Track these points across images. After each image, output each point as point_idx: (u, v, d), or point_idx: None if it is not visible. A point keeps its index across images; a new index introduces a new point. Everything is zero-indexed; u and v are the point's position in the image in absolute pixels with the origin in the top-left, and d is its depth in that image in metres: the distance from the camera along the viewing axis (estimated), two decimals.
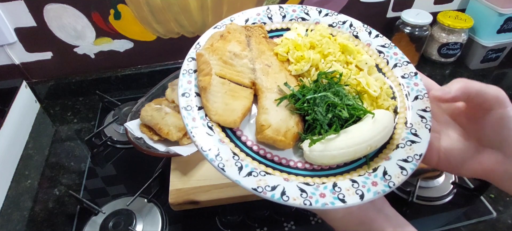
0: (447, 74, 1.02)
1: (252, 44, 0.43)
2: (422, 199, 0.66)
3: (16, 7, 0.77)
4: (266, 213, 0.62)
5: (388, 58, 0.44)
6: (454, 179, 0.69)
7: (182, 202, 0.56)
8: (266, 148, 0.38)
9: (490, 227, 0.63)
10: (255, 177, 0.34)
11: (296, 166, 0.37)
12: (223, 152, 0.35)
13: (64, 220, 0.65)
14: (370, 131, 0.35)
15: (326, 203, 0.33)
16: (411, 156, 0.36)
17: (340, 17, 0.48)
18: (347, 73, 0.41)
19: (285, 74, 0.42)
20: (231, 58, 0.41)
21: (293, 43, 0.43)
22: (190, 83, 0.39)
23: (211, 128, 0.36)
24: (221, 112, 0.37)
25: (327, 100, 0.37)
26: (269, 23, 0.47)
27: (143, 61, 0.95)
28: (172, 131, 0.62)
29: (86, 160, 0.77)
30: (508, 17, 0.91)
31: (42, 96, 0.93)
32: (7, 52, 0.84)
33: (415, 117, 0.39)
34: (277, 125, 0.36)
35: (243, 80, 0.40)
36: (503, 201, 0.66)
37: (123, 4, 0.81)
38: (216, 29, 0.44)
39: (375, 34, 0.47)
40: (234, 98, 0.38)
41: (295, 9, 0.48)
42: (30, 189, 0.71)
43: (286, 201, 0.32)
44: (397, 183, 0.34)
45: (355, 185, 0.34)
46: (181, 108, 0.37)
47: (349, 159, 0.36)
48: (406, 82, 0.42)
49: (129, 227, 0.60)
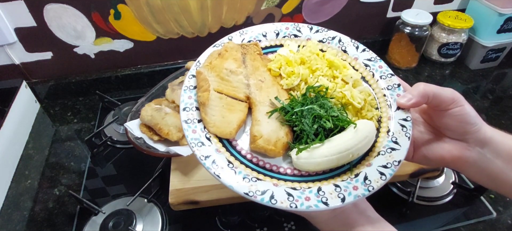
0: (447, 74, 1.02)
1: (247, 61, 0.47)
2: (422, 199, 0.66)
3: (16, 7, 0.77)
4: (266, 213, 0.62)
5: (373, 71, 0.47)
6: (454, 179, 0.69)
7: (182, 202, 0.56)
8: (259, 156, 0.41)
9: (490, 227, 0.63)
10: (247, 182, 0.37)
11: (285, 172, 0.40)
12: (219, 160, 0.38)
13: (64, 220, 0.65)
14: (352, 140, 0.38)
15: (310, 205, 0.36)
16: (390, 162, 0.39)
17: (330, 33, 0.52)
18: (333, 87, 0.44)
19: (277, 88, 0.45)
20: (228, 75, 0.44)
21: (285, 59, 0.47)
22: (191, 98, 0.43)
23: (209, 139, 0.40)
24: (218, 124, 0.40)
25: (313, 113, 0.40)
26: (264, 40, 0.51)
27: (143, 61, 0.95)
28: (172, 131, 0.62)
29: (86, 160, 0.77)
30: (508, 17, 0.91)
31: (42, 96, 0.93)
32: (7, 52, 0.84)
33: (397, 126, 0.41)
34: (268, 135, 0.40)
35: (238, 95, 0.43)
36: (503, 201, 0.67)
37: (123, 4, 0.81)
38: (215, 47, 0.48)
39: (362, 48, 0.50)
40: (230, 112, 0.42)
41: (288, 26, 0.52)
42: (30, 189, 0.71)
43: (274, 204, 0.35)
44: (376, 187, 0.37)
45: (338, 189, 0.37)
46: (182, 121, 0.40)
47: (333, 165, 0.39)
48: (390, 93, 0.44)
49: (129, 227, 0.60)
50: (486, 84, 0.99)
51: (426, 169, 0.61)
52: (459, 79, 1.00)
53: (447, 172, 0.70)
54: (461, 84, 0.98)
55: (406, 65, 1.02)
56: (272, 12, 0.92)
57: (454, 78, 1.01)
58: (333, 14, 0.97)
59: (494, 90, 0.96)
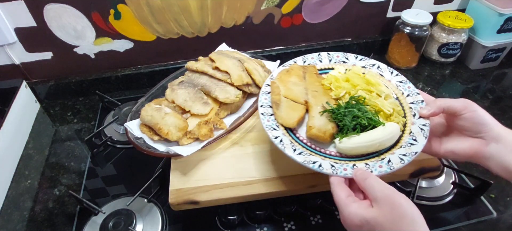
0: (447, 74, 1.02)
1: (306, 77, 0.64)
2: (422, 199, 0.66)
3: (16, 7, 0.77)
4: (266, 213, 0.62)
5: (403, 90, 0.61)
6: (454, 179, 0.69)
7: (182, 202, 0.56)
8: (312, 142, 0.56)
9: (490, 227, 0.63)
10: (303, 155, 0.51)
11: (330, 153, 0.54)
12: (284, 141, 0.53)
13: (64, 220, 0.65)
14: (380, 134, 0.52)
15: (347, 173, 0.47)
16: (409, 152, 0.50)
17: (371, 61, 0.66)
18: (369, 98, 0.59)
19: (327, 97, 0.61)
20: (292, 86, 0.62)
21: (334, 77, 0.63)
22: (266, 100, 0.60)
23: (278, 127, 0.56)
24: (285, 118, 0.57)
25: (353, 113, 0.55)
26: (319, 64, 0.68)
27: (143, 61, 0.95)
28: (172, 131, 0.62)
29: (86, 160, 0.77)
30: (508, 17, 0.91)
31: (42, 96, 0.93)
32: (7, 52, 0.84)
33: (417, 129, 0.54)
34: (320, 127, 0.55)
35: (299, 100, 0.60)
36: (503, 201, 0.66)
37: (123, 4, 0.81)
38: (283, 67, 0.66)
39: (396, 73, 0.64)
40: (293, 110, 0.58)
41: (338, 55, 0.68)
42: (30, 189, 0.71)
43: (321, 170, 0.48)
44: (396, 167, 0.48)
45: (367, 166, 0.49)
46: (260, 113, 0.58)
47: (364, 151, 0.52)
48: (414, 106, 0.57)
49: (129, 227, 0.60)
50: (486, 84, 0.99)
51: (426, 169, 0.61)
52: (459, 79, 1.00)
53: (447, 172, 0.70)
54: (461, 84, 0.98)
55: (406, 65, 1.02)
56: (272, 12, 0.92)
57: (454, 78, 1.01)
58: (333, 14, 0.97)
59: (494, 90, 0.96)
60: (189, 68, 0.75)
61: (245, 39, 0.97)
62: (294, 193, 0.59)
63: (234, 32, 0.94)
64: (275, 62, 0.81)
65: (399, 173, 0.60)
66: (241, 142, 0.66)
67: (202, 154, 0.63)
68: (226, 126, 0.67)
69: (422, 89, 0.96)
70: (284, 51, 1.01)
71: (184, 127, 0.63)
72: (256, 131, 0.69)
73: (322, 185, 0.58)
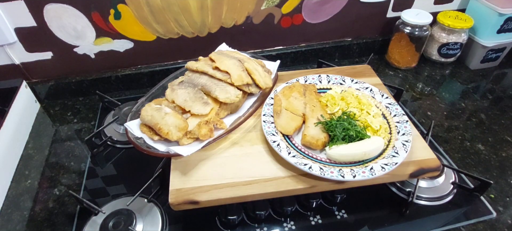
0: (447, 74, 1.02)
1: (306, 94, 0.74)
2: (422, 199, 0.66)
3: (16, 7, 0.77)
4: (266, 213, 0.62)
5: (391, 110, 0.71)
6: (454, 179, 0.69)
7: (182, 202, 0.56)
8: (306, 149, 0.64)
9: (490, 227, 0.63)
10: (296, 158, 0.59)
11: (321, 159, 0.62)
12: (281, 144, 0.62)
13: (64, 220, 0.65)
14: (366, 145, 0.61)
15: (333, 176, 0.56)
16: (390, 162, 0.58)
17: (365, 84, 0.77)
18: (360, 114, 0.68)
19: (323, 112, 0.70)
20: (293, 100, 0.72)
21: (331, 96, 0.73)
22: (269, 110, 0.70)
23: (276, 133, 0.65)
24: (283, 126, 0.66)
25: (343, 126, 0.64)
26: (319, 84, 0.79)
27: (143, 61, 0.95)
28: (172, 131, 0.62)
29: (86, 160, 0.77)
30: (508, 17, 0.91)
31: (42, 96, 0.93)
32: (7, 52, 0.84)
33: (400, 144, 0.62)
34: (313, 135, 0.64)
35: (297, 112, 0.69)
36: (503, 201, 0.67)
37: (123, 4, 0.81)
38: (287, 84, 0.76)
39: (386, 96, 0.73)
40: (291, 120, 0.67)
41: (336, 77, 0.79)
42: (30, 189, 0.71)
43: (311, 171, 0.57)
44: (378, 174, 0.56)
45: (352, 171, 0.57)
46: (262, 121, 0.67)
47: (351, 160, 0.61)
48: (400, 125, 0.67)
49: (129, 227, 0.60)
50: (486, 84, 0.99)
51: (426, 169, 0.61)
52: (459, 79, 1.00)
53: (447, 172, 0.70)
54: (461, 84, 0.98)
55: (406, 65, 1.02)
56: (272, 12, 0.92)
57: (454, 78, 1.01)
58: (333, 14, 0.97)
59: (494, 90, 0.96)
60: (189, 68, 0.75)
61: (245, 39, 0.97)
62: (294, 193, 0.59)
63: (234, 32, 0.94)
64: (275, 62, 0.81)
65: (399, 174, 0.60)
66: (241, 142, 0.66)
67: (202, 154, 0.63)
68: (226, 126, 0.67)
69: (422, 89, 0.96)
70: (284, 51, 1.01)
71: (184, 127, 0.63)
72: (256, 131, 0.69)
73: (322, 185, 0.58)
